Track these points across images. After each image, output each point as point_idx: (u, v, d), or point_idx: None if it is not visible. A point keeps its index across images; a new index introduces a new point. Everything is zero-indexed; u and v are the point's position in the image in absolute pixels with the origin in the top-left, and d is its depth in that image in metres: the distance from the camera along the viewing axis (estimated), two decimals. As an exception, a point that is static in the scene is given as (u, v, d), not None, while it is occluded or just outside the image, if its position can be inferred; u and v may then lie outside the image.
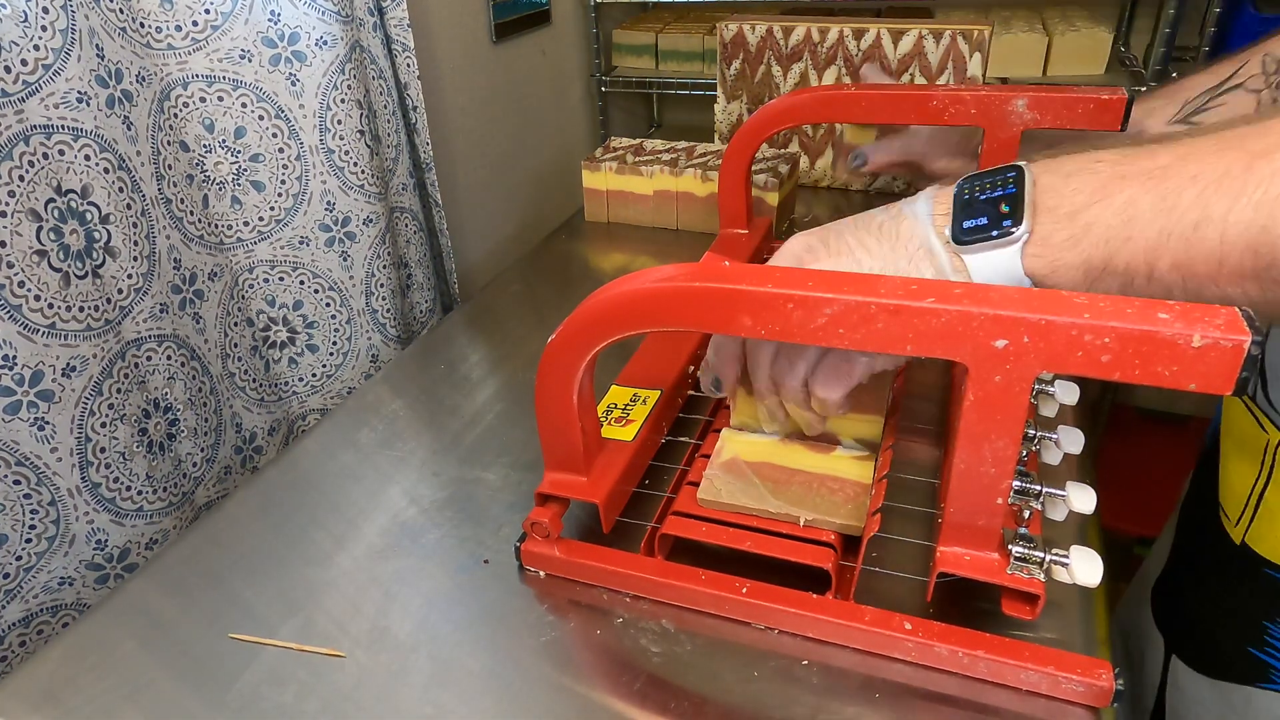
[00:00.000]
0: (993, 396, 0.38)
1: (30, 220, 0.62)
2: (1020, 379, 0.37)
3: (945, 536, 0.44)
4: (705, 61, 1.55)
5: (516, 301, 0.91)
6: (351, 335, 0.96)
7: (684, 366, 0.64)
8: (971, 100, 0.71)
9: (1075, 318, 0.35)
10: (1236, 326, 0.33)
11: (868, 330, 0.38)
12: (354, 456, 0.66)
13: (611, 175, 1.04)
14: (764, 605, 0.48)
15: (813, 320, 0.39)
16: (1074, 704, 0.43)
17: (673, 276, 0.42)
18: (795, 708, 0.44)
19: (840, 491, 0.51)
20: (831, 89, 0.74)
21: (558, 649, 0.48)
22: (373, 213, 0.92)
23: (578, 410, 0.48)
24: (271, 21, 0.80)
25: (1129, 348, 0.34)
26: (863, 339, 0.39)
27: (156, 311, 0.74)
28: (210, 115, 0.80)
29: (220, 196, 0.83)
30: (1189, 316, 0.33)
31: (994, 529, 0.42)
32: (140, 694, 0.47)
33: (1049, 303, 0.36)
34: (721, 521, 0.51)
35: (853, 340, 0.39)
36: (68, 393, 0.66)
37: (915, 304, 0.37)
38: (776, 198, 0.95)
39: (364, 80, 0.89)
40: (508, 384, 0.75)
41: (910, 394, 0.64)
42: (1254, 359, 0.32)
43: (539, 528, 0.52)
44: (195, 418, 0.80)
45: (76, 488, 0.68)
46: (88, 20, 0.66)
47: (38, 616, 0.68)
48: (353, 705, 0.46)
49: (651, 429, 0.57)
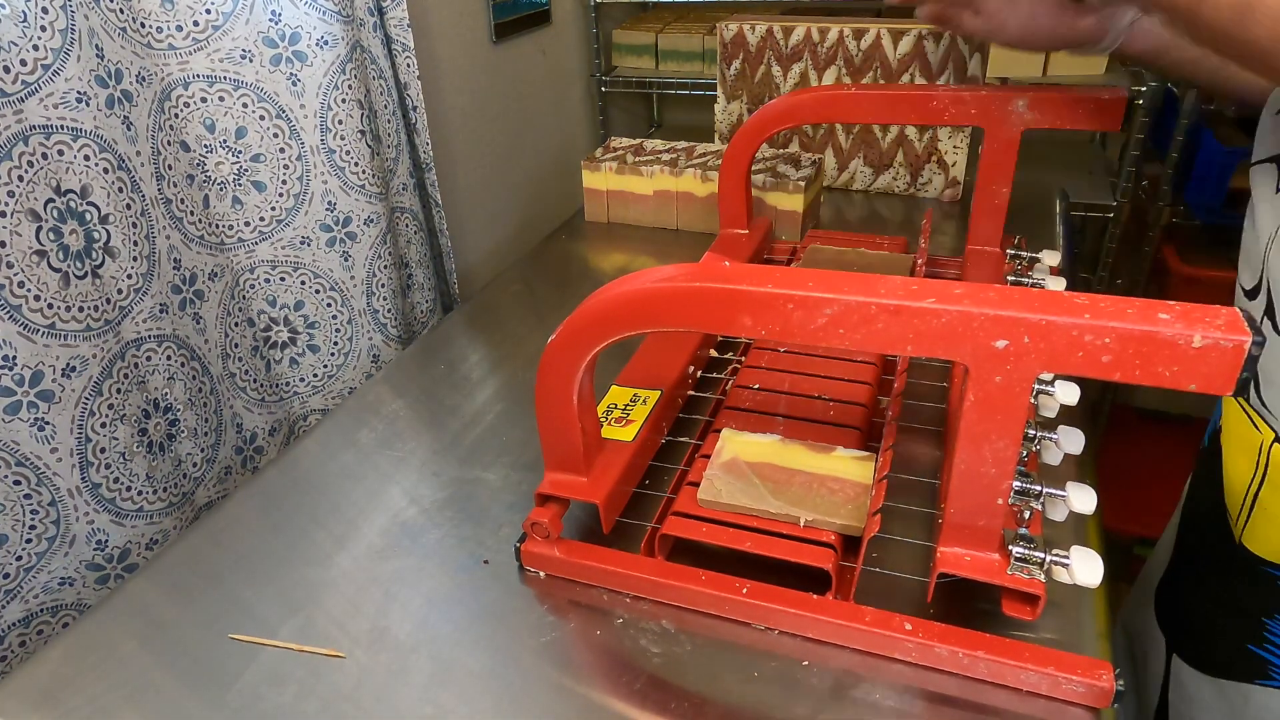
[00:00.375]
0: (993, 397, 0.38)
1: (30, 220, 0.62)
2: (1021, 379, 0.37)
3: (946, 537, 0.44)
4: (705, 61, 1.55)
5: (516, 301, 0.91)
6: (353, 335, 0.96)
7: (684, 367, 0.64)
8: (972, 100, 0.71)
9: (1076, 318, 0.35)
10: (1237, 327, 0.33)
11: (868, 330, 0.38)
12: (354, 457, 0.66)
13: (611, 175, 1.04)
14: (764, 606, 0.48)
15: (813, 320, 0.39)
16: (1075, 705, 0.43)
17: (672, 277, 0.42)
18: (795, 708, 0.44)
19: (840, 492, 0.51)
20: (831, 89, 0.74)
21: (558, 649, 0.48)
22: (374, 213, 0.92)
23: (578, 410, 0.48)
24: (272, 21, 0.80)
25: (1129, 348, 0.34)
26: (863, 339, 0.39)
27: (156, 312, 0.74)
28: (211, 115, 0.80)
29: (221, 196, 0.83)
30: (1189, 317, 0.33)
31: (994, 529, 0.42)
32: (140, 694, 0.47)
33: (1049, 303, 0.36)
34: (722, 522, 0.51)
35: (853, 340, 0.39)
36: (68, 393, 0.66)
37: (915, 304, 0.37)
38: (802, 201, 0.94)
39: (365, 80, 0.89)
40: (508, 384, 0.75)
41: (910, 394, 0.63)
42: (1254, 359, 0.32)
43: (539, 528, 0.52)
44: (195, 418, 0.80)
45: (77, 488, 0.68)
46: (87, 20, 0.66)
47: (38, 617, 0.68)
48: (352, 705, 0.46)
49: (651, 429, 0.57)
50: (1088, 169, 1.46)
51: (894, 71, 1.04)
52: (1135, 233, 1.48)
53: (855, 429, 0.58)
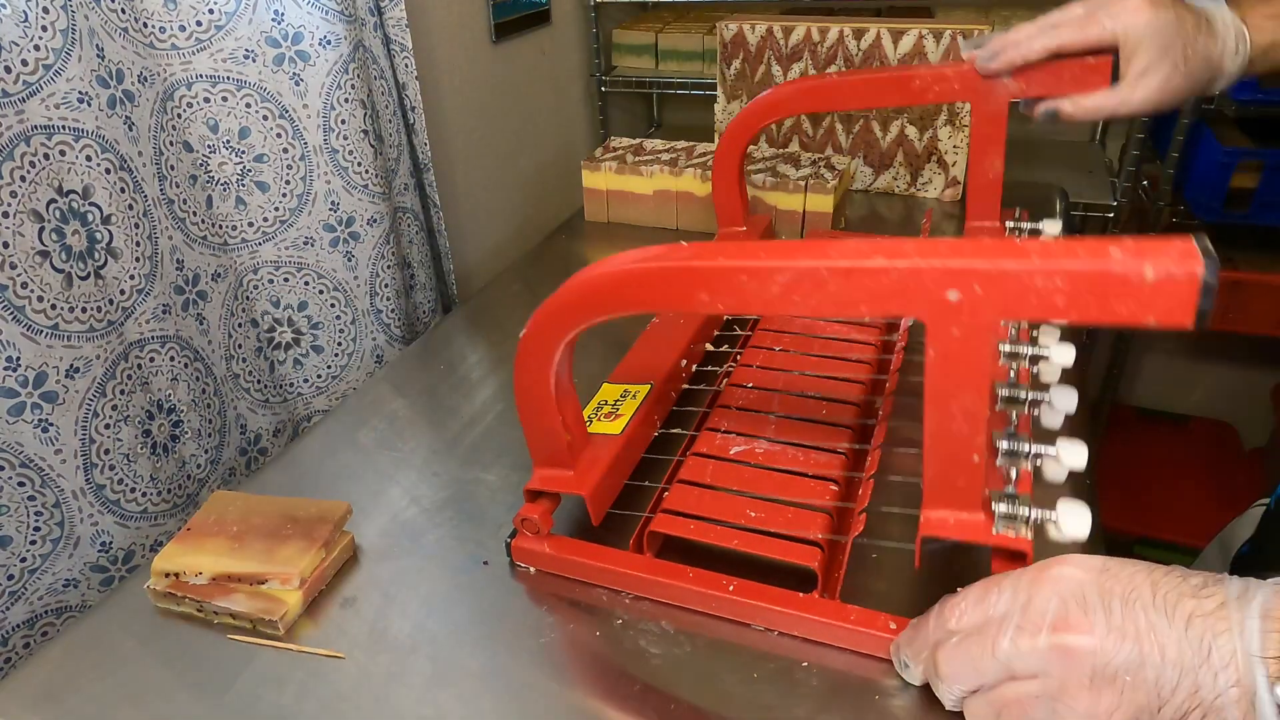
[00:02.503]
0: (953, 350, 0.37)
1: (32, 221, 0.63)
2: (978, 330, 0.36)
3: (928, 500, 0.43)
4: (705, 61, 1.55)
5: (516, 301, 0.91)
6: (356, 336, 0.96)
7: (677, 361, 0.64)
8: (954, 76, 0.70)
9: (1025, 262, 0.34)
10: (1190, 257, 0.32)
11: (822, 295, 0.38)
12: (354, 456, 0.66)
13: (611, 175, 1.04)
14: (750, 603, 0.49)
15: (767, 290, 0.39)
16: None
17: (632, 260, 0.43)
18: (795, 709, 0.44)
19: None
20: (814, 79, 0.74)
21: (557, 650, 0.49)
22: (377, 213, 0.93)
23: (556, 400, 0.48)
24: (275, 21, 0.80)
25: (1082, 288, 0.33)
26: (818, 304, 0.38)
27: (159, 312, 0.74)
28: (214, 115, 0.80)
29: (224, 197, 0.84)
30: (1140, 251, 0.33)
31: (974, 488, 0.42)
32: (140, 694, 0.47)
33: (998, 251, 0.35)
34: (711, 520, 0.51)
35: (807, 306, 0.39)
36: (71, 394, 0.66)
37: (865, 264, 0.37)
38: (831, 201, 0.94)
39: (367, 80, 0.89)
40: (508, 384, 0.75)
41: (905, 393, 0.64)
42: (1210, 288, 0.31)
43: (529, 524, 0.52)
44: (199, 419, 0.80)
45: (81, 489, 0.68)
46: (88, 20, 0.66)
47: (42, 618, 0.68)
48: (351, 706, 0.46)
49: (641, 422, 0.57)
50: (1088, 169, 1.46)
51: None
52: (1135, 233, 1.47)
53: (847, 427, 0.58)
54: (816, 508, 0.51)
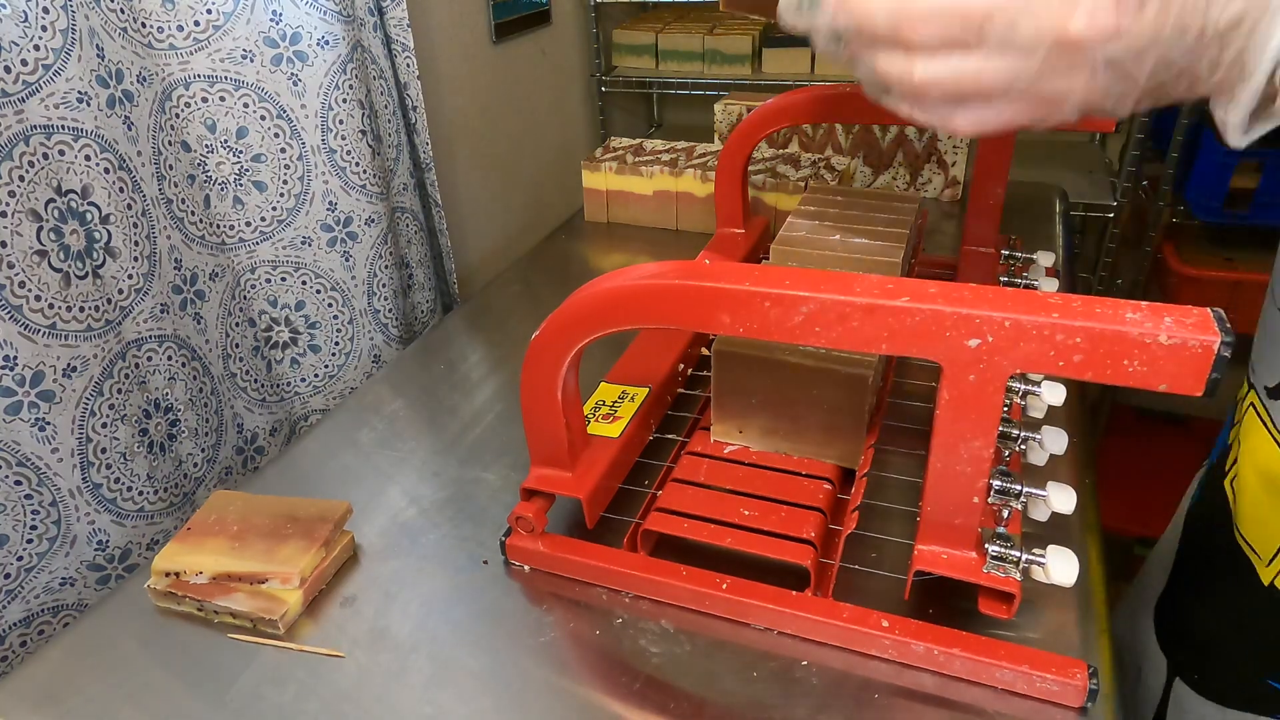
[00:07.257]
0: (967, 396, 0.38)
1: (30, 220, 0.62)
2: (994, 378, 0.37)
3: (923, 535, 0.44)
4: (705, 61, 1.55)
5: (516, 301, 0.91)
6: (354, 336, 0.96)
7: (674, 364, 0.64)
8: None
9: (1045, 317, 0.35)
10: (1206, 327, 0.33)
11: (844, 328, 0.38)
12: (354, 456, 0.66)
13: (611, 175, 1.04)
14: (743, 601, 0.49)
15: (790, 319, 0.39)
16: (1052, 704, 0.43)
17: (653, 274, 0.42)
18: (795, 709, 0.44)
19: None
20: (825, 88, 0.74)
21: (557, 649, 0.49)
22: (374, 213, 0.93)
23: (562, 406, 0.48)
24: (273, 21, 0.80)
25: (1100, 348, 0.34)
26: (839, 337, 0.39)
27: (157, 312, 0.74)
28: (212, 115, 0.80)
29: (222, 197, 0.83)
30: (1158, 317, 0.33)
31: (970, 528, 0.42)
32: (140, 694, 0.47)
33: (1021, 303, 0.36)
34: (704, 518, 0.51)
35: (829, 339, 0.39)
36: (68, 393, 0.66)
37: (890, 303, 0.37)
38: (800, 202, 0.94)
39: (365, 80, 0.89)
40: (508, 384, 0.75)
41: (899, 394, 0.64)
42: (1224, 360, 0.32)
43: (523, 522, 0.52)
44: (196, 418, 0.80)
45: (78, 488, 0.68)
46: (88, 20, 0.66)
47: (39, 617, 0.68)
48: (352, 705, 0.46)
49: (639, 426, 0.57)
50: (1088, 169, 1.46)
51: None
52: (1135, 233, 1.48)
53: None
54: (810, 506, 0.51)
